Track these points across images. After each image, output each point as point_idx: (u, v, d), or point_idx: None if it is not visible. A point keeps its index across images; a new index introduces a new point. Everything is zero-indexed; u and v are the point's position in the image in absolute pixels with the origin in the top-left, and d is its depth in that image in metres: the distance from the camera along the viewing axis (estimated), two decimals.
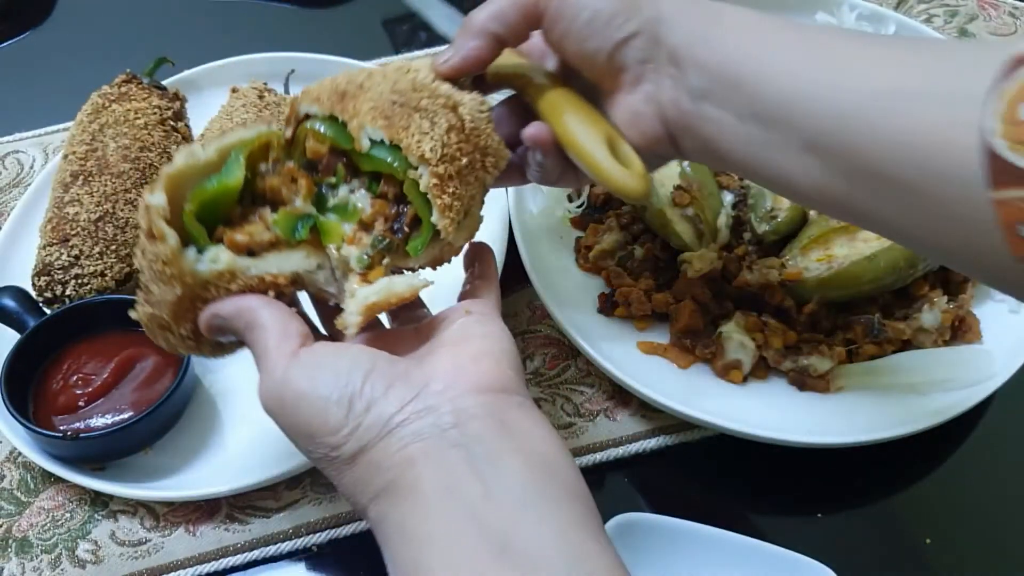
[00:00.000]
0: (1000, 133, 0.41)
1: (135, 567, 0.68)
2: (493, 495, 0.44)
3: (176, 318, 0.54)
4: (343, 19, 1.15)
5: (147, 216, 0.51)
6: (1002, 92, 0.41)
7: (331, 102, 0.55)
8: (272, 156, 0.56)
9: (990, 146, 0.41)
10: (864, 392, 0.73)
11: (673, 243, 0.80)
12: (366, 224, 0.55)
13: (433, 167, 0.53)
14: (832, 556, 0.62)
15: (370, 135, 0.54)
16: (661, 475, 0.73)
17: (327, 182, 0.56)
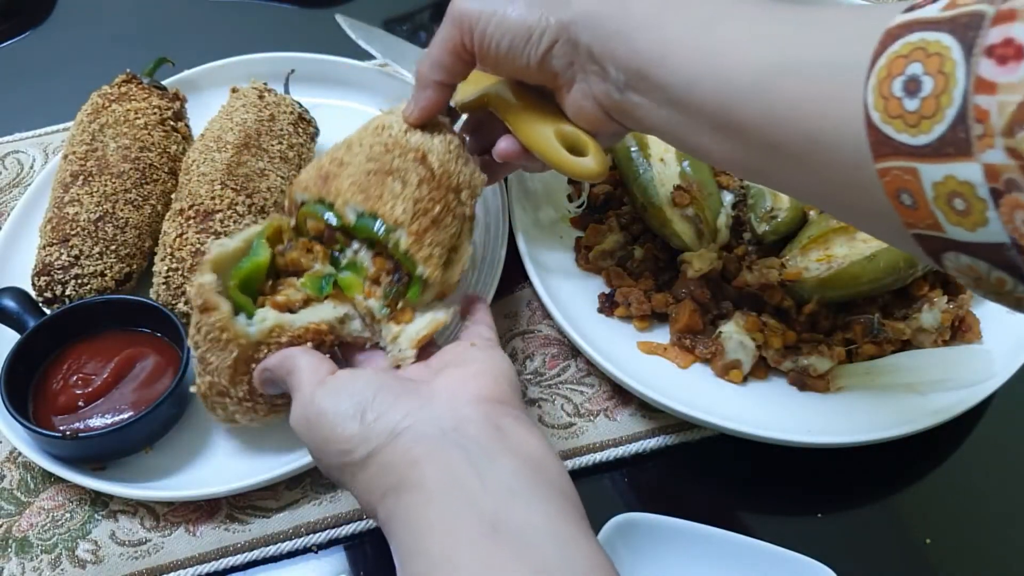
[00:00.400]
0: (875, 106, 0.43)
1: (135, 567, 0.68)
2: (488, 487, 0.48)
3: (233, 381, 0.63)
4: None
5: (200, 293, 0.61)
6: (877, 66, 0.43)
7: (316, 187, 0.65)
8: (286, 238, 0.67)
9: (870, 119, 0.43)
10: (864, 392, 0.73)
11: (673, 243, 0.80)
12: (374, 279, 0.65)
13: (407, 227, 0.63)
14: (832, 556, 0.62)
15: (353, 209, 0.64)
16: (661, 475, 0.73)
17: (335, 248, 0.67)
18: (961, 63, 0.40)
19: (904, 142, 0.42)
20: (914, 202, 0.43)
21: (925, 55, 0.41)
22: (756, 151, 0.52)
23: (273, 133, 0.83)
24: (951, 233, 0.42)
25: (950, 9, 0.41)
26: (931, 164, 0.41)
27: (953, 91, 0.40)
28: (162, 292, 0.74)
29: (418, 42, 1.10)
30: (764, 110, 0.50)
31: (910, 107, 0.41)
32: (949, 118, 0.40)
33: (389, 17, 1.15)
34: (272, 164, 0.81)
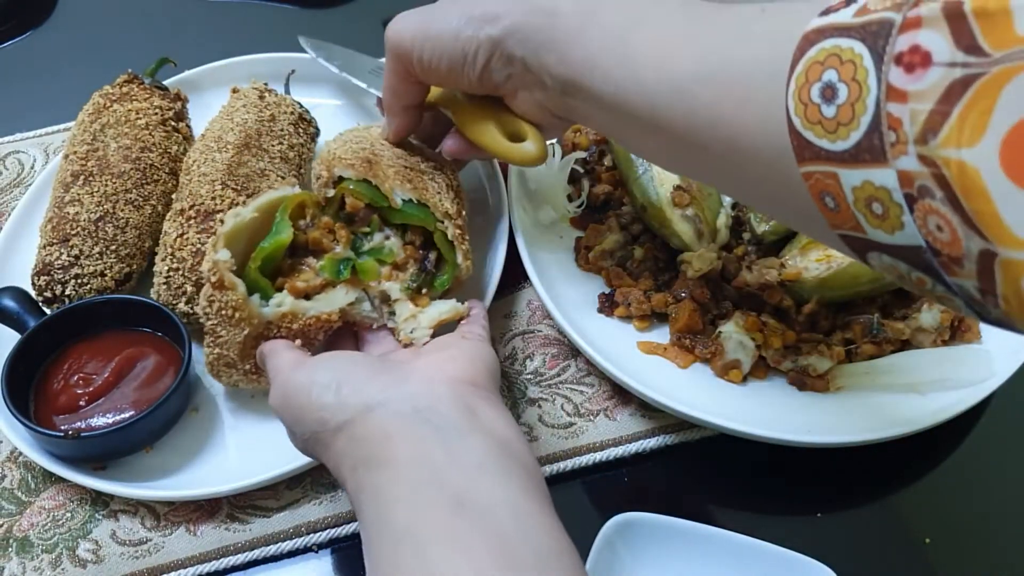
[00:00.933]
0: (796, 111, 0.44)
1: (136, 567, 0.68)
2: (456, 463, 0.49)
3: (242, 356, 0.67)
4: (343, 19, 1.15)
5: (216, 269, 0.64)
6: (796, 72, 0.44)
7: (362, 168, 0.69)
8: (309, 214, 0.70)
9: (792, 124, 0.44)
10: (863, 392, 0.73)
11: (673, 243, 0.80)
12: (399, 265, 0.70)
13: (454, 220, 0.69)
14: (832, 556, 0.62)
15: (400, 195, 0.68)
16: (661, 475, 0.73)
17: (361, 232, 0.70)
18: (872, 71, 0.40)
19: (824, 147, 0.43)
20: (836, 205, 0.44)
21: (839, 62, 0.42)
22: (686, 153, 0.53)
23: (273, 133, 0.83)
24: (872, 235, 0.43)
25: (861, 15, 0.42)
26: (850, 169, 0.42)
27: (867, 99, 0.40)
28: (163, 292, 0.75)
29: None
30: (686, 116, 0.51)
31: (828, 113, 0.42)
32: (864, 125, 0.41)
33: (389, 17, 1.15)
34: (272, 164, 0.81)
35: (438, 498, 0.47)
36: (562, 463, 0.72)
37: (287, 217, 0.68)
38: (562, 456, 0.72)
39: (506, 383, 0.77)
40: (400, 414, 0.52)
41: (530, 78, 0.61)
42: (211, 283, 0.64)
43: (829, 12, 0.44)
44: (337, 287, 0.69)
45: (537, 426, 0.74)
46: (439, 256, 0.72)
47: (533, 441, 0.73)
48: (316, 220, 0.70)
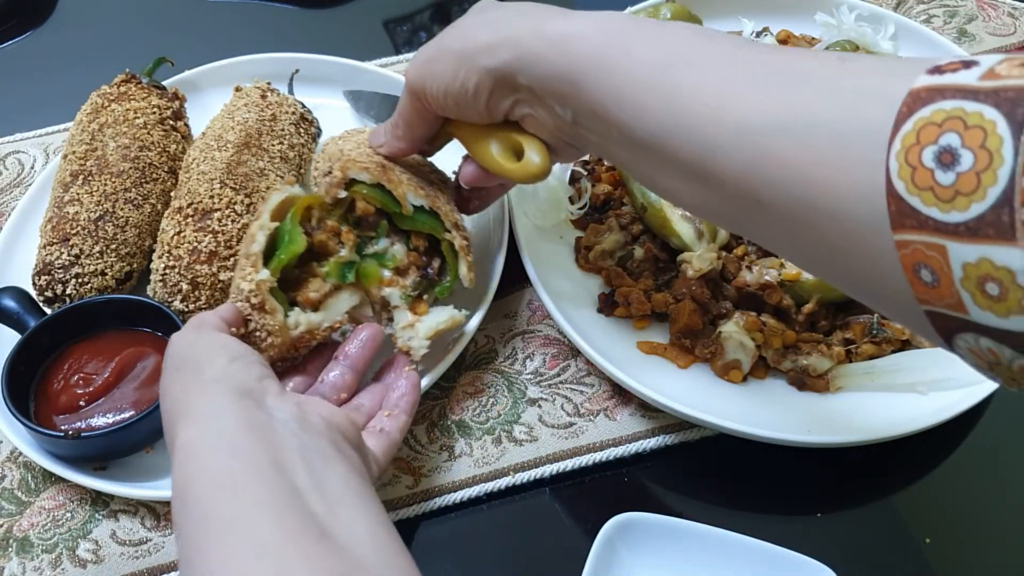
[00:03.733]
0: (900, 175, 0.40)
1: (136, 567, 0.68)
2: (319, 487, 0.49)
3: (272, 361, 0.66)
4: (344, 19, 1.15)
5: (259, 291, 0.64)
6: (903, 132, 0.40)
7: (377, 173, 0.69)
8: (315, 216, 0.69)
9: (892, 187, 0.40)
10: (863, 392, 0.73)
11: (673, 243, 0.80)
12: (401, 270, 0.71)
13: (461, 232, 0.71)
14: (832, 556, 0.63)
15: (412, 202, 0.69)
16: (661, 475, 0.73)
17: (366, 235, 0.71)
18: (1008, 140, 0.37)
19: (933, 216, 0.39)
20: (935, 279, 0.40)
21: (963, 126, 0.38)
22: (734, 205, 0.49)
23: (274, 133, 0.83)
24: (975, 316, 0.39)
25: (991, 80, 0.38)
26: (964, 244, 0.38)
27: (998, 169, 0.37)
28: (159, 290, 0.75)
29: (418, 42, 1.10)
30: (747, 167, 0.47)
31: (944, 180, 0.38)
32: (991, 198, 0.37)
33: (389, 18, 1.15)
34: (272, 164, 0.81)
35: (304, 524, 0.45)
36: (562, 463, 0.72)
37: (297, 223, 0.68)
38: (562, 456, 0.73)
39: (506, 383, 0.77)
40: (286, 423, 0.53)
41: (538, 104, 0.59)
42: (251, 304, 0.64)
43: (942, 72, 0.40)
44: (342, 291, 0.69)
45: (537, 426, 0.74)
46: (442, 264, 0.72)
47: (533, 441, 0.73)
48: (322, 223, 0.70)
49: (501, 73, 0.58)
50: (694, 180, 0.50)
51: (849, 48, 0.90)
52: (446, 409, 0.76)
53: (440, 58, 0.61)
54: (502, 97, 0.61)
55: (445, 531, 0.70)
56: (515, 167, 0.64)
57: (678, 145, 0.50)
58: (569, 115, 0.57)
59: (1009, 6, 1.08)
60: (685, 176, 0.51)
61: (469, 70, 0.59)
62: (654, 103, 0.50)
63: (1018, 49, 1.04)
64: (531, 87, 0.58)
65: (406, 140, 0.70)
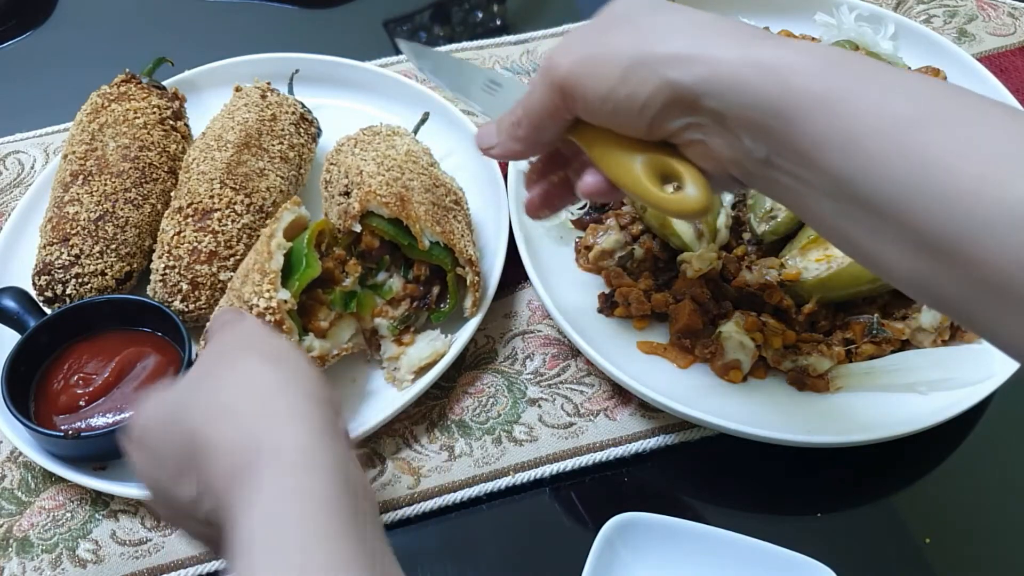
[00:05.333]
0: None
1: (136, 567, 0.68)
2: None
3: None
4: (344, 19, 1.15)
5: (279, 311, 0.65)
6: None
7: (397, 208, 0.71)
8: (325, 243, 0.71)
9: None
10: (863, 392, 0.73)
11: (673, 243, 0.80)
12: (393, 301, 0.73)
13: (474, 268, 0.73)
14: (832, 556, 0.63)
15: (429, 238, 0.72)
16: (661, 475, 0.73)
17: (368, 267, 0.73)
18: None
19: None
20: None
21: None
22: (978, 293, 0.43)
23: (274, 133, 0.83)
24: None
25: None
26: None
27: None
28: (159, 289, 0.75)
29: (418, 42, 1.10)
30: (1016, 256, 0.40)
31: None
32: None
33: (389, 18, 1.15)
34: (272, 164, 0.81)
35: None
36: (562, 463, 0.72)
37: (313, 248, 0.69)
38: (562, 456, 0.73)
39: (506, 383, 0.77)
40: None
41: (720, 132, 0.51)
42: (267, 322, 0.65)
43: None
44: (343, 319, 0.72)
45: (537, 426, 0.74)
46: (442, 291, 0.75)
47: (533, 441, 0.73)
48: (331, 250, 0.72)
49: (687, 90, 0.50)
50: (925, 255, 0.44)
51: (849, 48, 0.90)
52: (446, 409, 0.76)
53: (607, 57, 0.52)
54: (674, 116, 0.52)
55: (445, 531, 0.70)
56: (670, 198, 0.54)
57: (918, 211, 0.43)
58: (763, 152, 0.49)
59: (1009, 6, 1.08)
60: (914, 248, 0.45)
61: (645, 78, 0.51)
62: (894, 159, 0.44)
63: (1019, 50, 1.04)
64: (721, 113, 0.50)
65: (528, 143, 0.60)
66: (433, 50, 0.78)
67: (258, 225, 0.77)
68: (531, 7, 1.19)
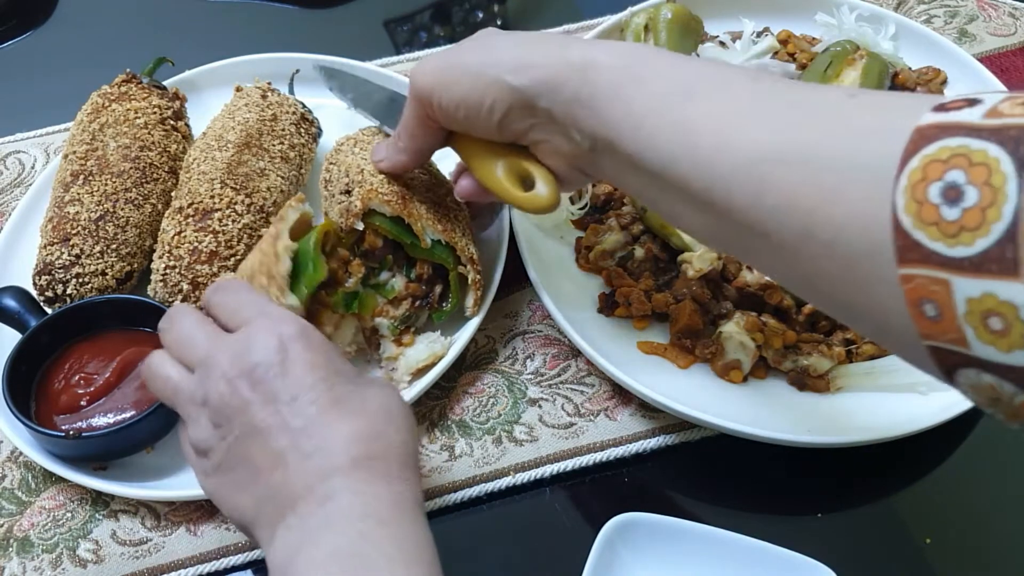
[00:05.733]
0: (906, 210, 0.41)
1: (136, 567, 0.68)
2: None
3: None
4: (344, 19, 1.15)
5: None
6: (909, 168, 0.41)
7: (399, 207, 0.70)
8: (329, 245, 0.70)
9: (898, 222, 0.41)
10: (864, 392, 0.73)
11: (673, 243, 0.80)
12: (395, 301, 0.73)
13: (475, 266, 0.73)
14: (832, 556, 0.63)
15: (431, 236, 0.71)
16: (661, 475, 0.73)
17: (371, 266, 0.73)
18: (1012, 177, 0.37)
19: (938, 251, 0.39)
20: (939, 314, 0.40)
21: (968, 163, 0.39)
22: (740, 234, 0.50)
23: (275, 133, 0.83)
24: (978, 351, 0.40)
25: (994, 118, 0.39)
26: (968, 279, 0.39)
27: (1003, 206, 0.37)
28: (159, 289, 0.75)
29: (418, 42, 1.11)
30: (752, 198, 0.47)
31: (948, 216, 0.39)
32: (996, 234, 0.37)
33: (389, 18, 1.15)
34: (273, 164, 0.81)
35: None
36: (562, 463, 0.72)
37: (319, 250, 0.67)
38: (562, 456, 0.73)
39: (506, 383, 0.77)
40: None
41: (555, 129, 0.59)
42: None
43: (947, 109, 0.41)
44: (346, 320, 0.72)
45: (537, 426, 0.74)
46: (444, 290, 0.75)
47: (533, 441, 0.73)
48: (334, 250, 0.71)
49: (523, 94, 0.58)
50: (700, 208, 0.51)
51: (850, 48, 0.90)
52: (446, 409, 0.76)
53: (457, 69, 0.61)
54: (518, 119, 0.60)
55: (445, 531, 0.70)
56: (524, 196, 0.64)
57: (685, 173, 0.51)
58: (587, 143, 0.58)
59: (1010, 6, 1.08)
60: (693, 204, 0.52)
61: (489, 86, 0.59)
62: (664, 132, 0.51)
63: (1020, 50, 1.04)
64: (551, 111, 0.58)
65: (408, 153, 0.69)
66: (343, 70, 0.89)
67: (259, 225, 0.77)
68: (531, 7, 1.19)
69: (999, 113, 0.39)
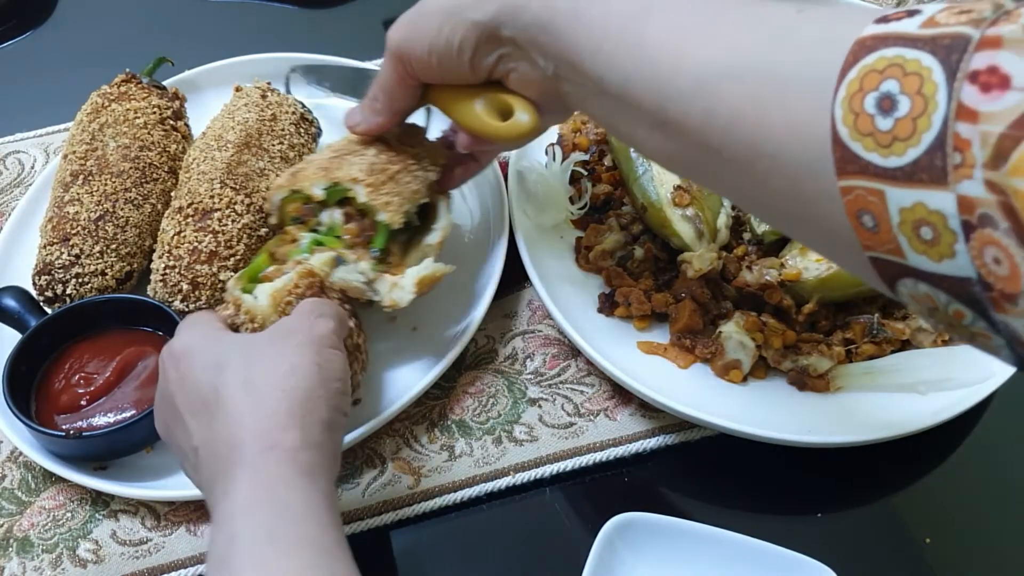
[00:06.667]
0: (844, 121, 0.41)
1: (136, 567, 0.68)
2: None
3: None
4: (343, 19, 1.15)
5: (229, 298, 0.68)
6: (847, 79, 0.41)
7: (287, 183, 0.73)
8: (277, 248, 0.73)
9: (836, 134, 0.41)
10: (863, 392, 0.73)
11: (673, 243, 0.80)
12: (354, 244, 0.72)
13: (364, 182, 0.70)
14: (832, 556, 0.63)
15: (317, 188, 0.71)
16: (661, 475, 0.73)
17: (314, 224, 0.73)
18: (943, 86, 0.37)
19: (873, 162, 0.40)
20: (876, 225, 0.41)
21: (902, 73, 0.39)
22: (694, 153, 0.50)
23: (274, 133, 0.83)
24: (912, 261, 0.40)
25: (930, 27, 0.39)
26: (900, 188, 0.39)
27: (932, 115, 0.38)
28: (159, 289, 0.75)
29: None
30: (704, 114, 0.48)
31: (883, 126, 0.39)
32: (926, 143, 0.38)
33: (389, 18, 1.14)
34: (272, 164, 0.81)
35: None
36: (562, 463, 0.72)
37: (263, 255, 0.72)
38: (562, 456, 0.73)
39: (506, 383, 0.77)
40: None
41: (520, 56, 0.60)
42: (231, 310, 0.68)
43: (888, 20, 0.41)
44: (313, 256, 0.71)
45: (537, 426, 0.74)
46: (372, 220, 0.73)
47: (533, 441, 0.73)
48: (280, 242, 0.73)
49: (487, 26, 0.59)
50: (657, 129, 0.52)
51: None
52: (446, 409, 0.76)
53: (424, 17, 0.62)
54: (487, 52, 0.61)
55: (445, 531, 0.70)
56: (503, 126, 0.64)
57: (642, 94, 0.51)
58: (551, 68, 0.58)
59: None
60: (650, 125, 0.52)
61: (455, 25, 0.60)
62: (622, 53, 0.52)
63: None
64: (514, 39, 0.59)
65: (385, 113, 0.69)
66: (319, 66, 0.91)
67: (258, 225, 0.77)
68: None
69: (935, 23, 0.39)
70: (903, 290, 0.42)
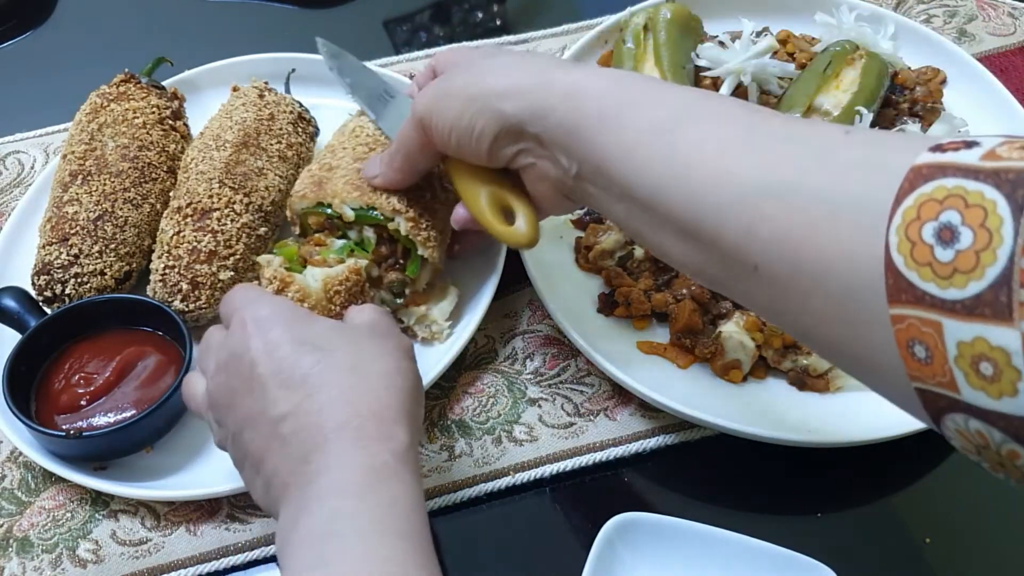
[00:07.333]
0: (899, 249, 0.40)
1: (136, 567, 0.68)
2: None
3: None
4: (344, 19, 1.15)
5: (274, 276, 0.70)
6: (904, 206, 0.40)
7: (313, 194, 0.73)
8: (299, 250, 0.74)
9: (890, 261, 0.40)
10: (864, 392, 0.73)
11: None
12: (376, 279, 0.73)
13: (405, 214, 0.71)
14: (832, 556, 0.63)
15: (349, 206, 0.72)
16: (661, 475, 0.73)
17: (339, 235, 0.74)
18: (1008, 220, 0.37)
19: (930, 292, 0.39)
20: (928, 356, 0.40)
21: (964, 204, 0.38)
22: (727, 266, 0.50)
23: (272, 132, 0.83)
24: (967, 396, 0.39)
25: (991, 160, 0.39)
26: (960, 321, 0.38)
27: (997, 249, 0.37)
28: (159, 289, 0.75)
29: (418, 42, 1.10)
30: (742, 230, 0.47)
31: (942, 257, 0.38)
32: (990, 277, 0.37)
33: (389, 18, 1.15)
34: (271, 163, 0.81)
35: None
36: (562, 463, 0.72)
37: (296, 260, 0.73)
38: (562, 456, 0.73)
39: (506, 383, 0.77)
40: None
41: (543, 154, 0.60)
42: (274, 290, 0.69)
43: (944, 150, 0.41)
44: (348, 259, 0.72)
45: (537, 426, 0.74)
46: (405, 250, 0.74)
47: (533, 441, 0.73)
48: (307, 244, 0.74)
49: (510, 121, 0.59)
50: (688, 240, 0.51)
51: (849, 48, 0.90)
52: (446, 409, 0.76)
53: (450, 96, 0.62)
54: (507, 144, 0.61)
55: (445, 531, 0.70)
56: (502, 229, 0.66)
57: (674, 204, 0.51)
58: (574, 168, 0.58)
59: (1009, 6, 1.08)
60: (678, 234, 0.52)
61: (478, 112, 0.60)
62: (655, 161, 0.52)
63: (1019, 50, 1.04)
64: (539, 137, 0.59)
65: (403, 172, 0.70)
66: (346, 53, 0.86)
67: (257, 224, 0.77)
68: (531, 7, 1.19)
69: (997, 156, 0.39)
70: (950, 424, 0.41)
